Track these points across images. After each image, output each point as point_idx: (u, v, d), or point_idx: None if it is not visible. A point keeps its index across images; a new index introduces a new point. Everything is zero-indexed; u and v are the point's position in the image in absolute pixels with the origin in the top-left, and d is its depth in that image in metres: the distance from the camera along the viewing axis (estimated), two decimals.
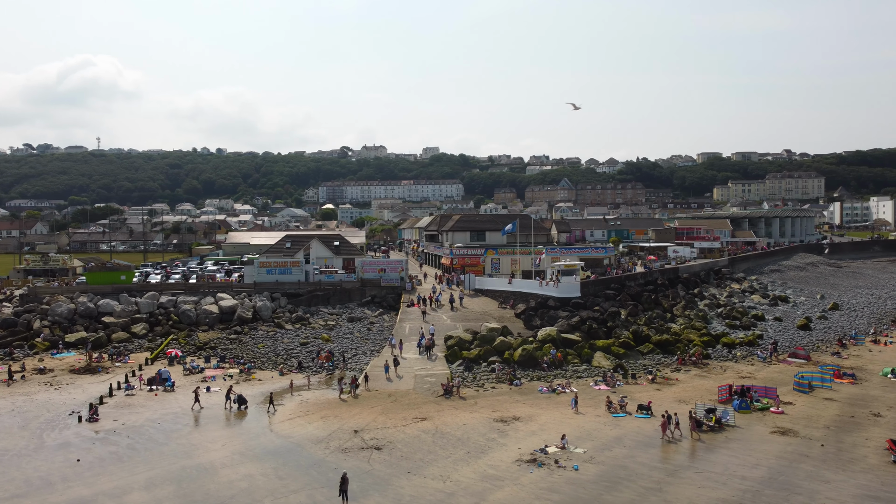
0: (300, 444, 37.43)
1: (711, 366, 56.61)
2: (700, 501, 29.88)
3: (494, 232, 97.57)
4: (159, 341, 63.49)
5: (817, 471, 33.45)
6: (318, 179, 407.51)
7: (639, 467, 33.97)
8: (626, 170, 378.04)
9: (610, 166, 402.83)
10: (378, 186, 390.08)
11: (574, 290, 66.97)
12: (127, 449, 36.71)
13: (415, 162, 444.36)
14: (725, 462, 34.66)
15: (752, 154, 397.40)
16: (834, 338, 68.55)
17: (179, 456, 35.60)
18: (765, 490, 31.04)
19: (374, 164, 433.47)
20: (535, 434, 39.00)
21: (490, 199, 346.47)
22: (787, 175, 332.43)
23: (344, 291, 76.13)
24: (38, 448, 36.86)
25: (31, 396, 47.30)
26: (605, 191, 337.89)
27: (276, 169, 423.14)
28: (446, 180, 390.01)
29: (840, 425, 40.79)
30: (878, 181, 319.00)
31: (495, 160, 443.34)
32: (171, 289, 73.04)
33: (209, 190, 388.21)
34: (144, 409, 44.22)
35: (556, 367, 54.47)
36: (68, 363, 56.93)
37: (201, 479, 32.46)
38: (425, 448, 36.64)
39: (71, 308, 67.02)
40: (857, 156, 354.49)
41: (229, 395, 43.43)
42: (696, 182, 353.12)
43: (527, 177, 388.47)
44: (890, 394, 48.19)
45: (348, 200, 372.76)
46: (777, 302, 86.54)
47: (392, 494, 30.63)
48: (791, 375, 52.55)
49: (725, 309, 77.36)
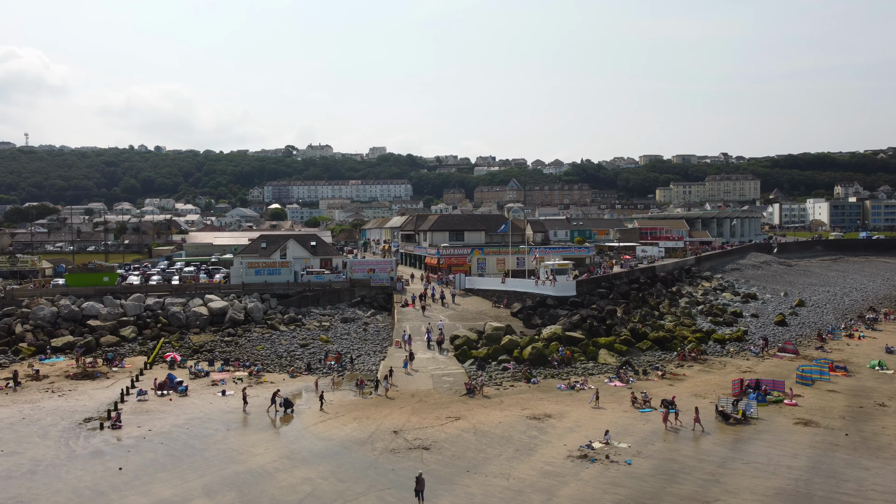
0: (345, 445, 36.95)
1: (710, 361, 58.50)
2: (759, 490, 31.01)
3: (473, 232, 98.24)
4: (150, 345, 61.45)
5: (853, 459, 35.15)
6: (263, 179, 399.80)
7: (687, 460, 34.98)
8: (573, 171, 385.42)
9: (556, 168, 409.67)
10: (325, 186, 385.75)
11: (570, 289, 68.09)
12: (166, 456, 35.47)
13: (362, 162, 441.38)
14: (765, 453, 36.02)
15: (691, 157, 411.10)
16: (811, 333, 71.80)
17: (226, 461, 34.63)
18: (814, 479, 32.45)
19: (321, 163, 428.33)
20: (573, 430, 39.60)
21: (439, 200, 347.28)
22: (725, 177, 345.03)
23: (333, 292, 75.23)
24: (70, 457, 35.22)
25: (37, 404, 45.08)
26: (553, 192, 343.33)
27: (218, 168, 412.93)
28: (394, 180, 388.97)
29: (854, 415, 42.86)
30: (808, 183, 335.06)
31: (443, 160, 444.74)
32: (156, 290, 70.63)
33: (148, 189, 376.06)
34: (165, 415, 42.75)
35: (566, 365, 55.32)
36: (60, 368, 54.46)
37: (260, 484, 31.70)
38: (473, 447, 36.73)
39: (53, 311, 64.04)
40: (789, 159, 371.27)
41: (275, 398, 42.38)
42: (639, 183, 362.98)
43: (475, 177, 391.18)
44: (884, 385, 50.87)
45: (295, 200, 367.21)
46: (748, 299, 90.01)
47: (462, 493, 30.64)
48: (786, 369, 54.96)
49: (706, 306, 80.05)
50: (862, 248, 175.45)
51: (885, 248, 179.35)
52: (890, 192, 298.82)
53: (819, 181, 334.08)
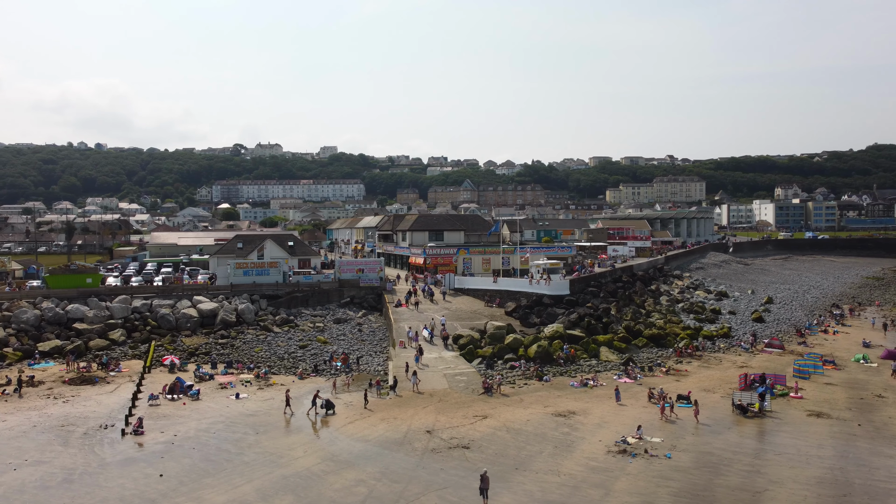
0: (383, 446, 36.70)
1: (706, 357, 60.26)
2: (801, 480, 32.23)
3: (453, 232, 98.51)
4: (142, 348, 59.61)
5: (874, 447, 36.87)
6: (211, 178, 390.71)
7: (722, 452, 36.05)
8: (525, 172, 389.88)
9: (508, 168, 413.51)
10: (276, 186, 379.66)
11: (564, 289, 69.06)
12: (204, 461, 34.55)
13: (313, 161, 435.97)
14: (792, 444, 37.41)
15: (639, 159, 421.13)
16: (788, 329, 74.70)
17: (268, 465, 33.96)
18: (846, 467, 33.91)
19: (271, 162, 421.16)
20: (602, 427, 40.29)
21: (393, 200, 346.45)
22: (672, 179, 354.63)
23: (322, 292, 74.36)
24: (102, 465, 33.94)
25: (43, 411, 43.22)
26: (507, 192, 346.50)
27: (164, 166, 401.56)
28: (347, 180, 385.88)
29: (859, 407, 44.87)
30: (750, 185, 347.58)
31: (395, 160, 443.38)
32: (142, 292, 68.43)
33: (90, 187, 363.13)
34: (185, 419, 41.60)
35: (570, 363, 56.16)
36: (54, 374, 52.31)
37: (314, 487, 31.23)
38: (512, 445, 36.99)
39: (37, 314, 61.40)
40: (732, 162, 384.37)
41: (315, 400, 41.62)
42: (590, 184, 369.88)
43: (428, 178, 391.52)
44: (874, 377, 53.35)
45: (245, 200, 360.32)
46: (721, 297, 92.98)
47: (520, 491, 30.86)
48: (779, 364, 57.13)
49: (686, 304, 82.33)
50: (809, 248, 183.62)
51: (829, 247, 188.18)
52: (826, 194, 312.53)
53: (760, 183, 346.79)
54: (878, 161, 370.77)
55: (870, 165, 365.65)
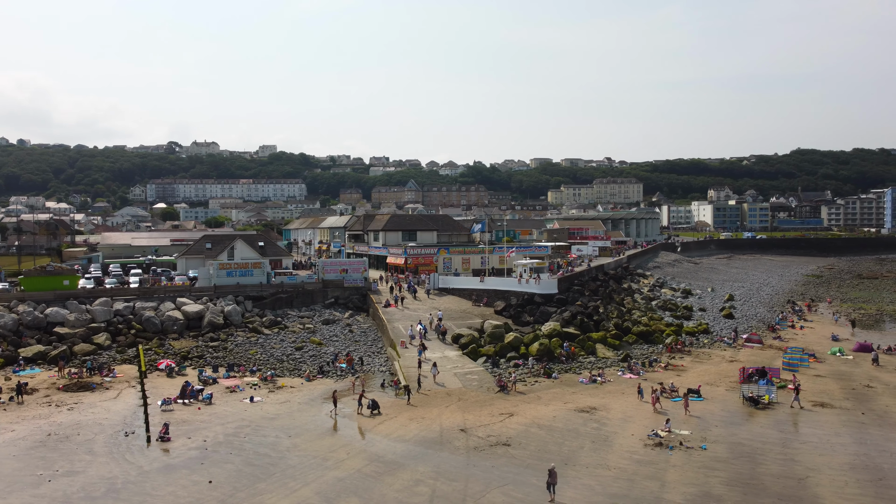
0: (424, 446, 36.58)
1: (695, 352, 62.36)
2: (835, 466, 33.90)
3: (425, 231, 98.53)
4: (130, 352, 57.41)
5: (886, 434, 39.08)
6: (145, 176, 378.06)
7: (751, 442, 37.54)
8: (468, 173, 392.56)
9: (451, 169, 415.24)
10: (215, 185, 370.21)
11: (553, 287, 70.18)
12: (247, 465, 33.65)
13: (252, 160, 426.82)
14: (812, 433, 39.27)
15: (578, 160, 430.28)
16: (756, 325, 77.99)
17: (317, 468, 33.35)
18: (870, 453, 35.86)
19: (208, 161, 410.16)
20: (628, 421, 41.28)
21: (336, 200, 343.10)
22: (611, 181, 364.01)
23: (306, 293, 73.24)
24: (142, 473, 32.59)
25: (50, 419, 41.13)
26: (451, 193, 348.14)
27: (94, 164, 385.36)
28: (288, 180, 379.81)
29: (855, 397, 47.39)
30: (685, 187, 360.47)
31: (337, 160, 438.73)
32: (123, 294, 65.76)
33: (13, 186, 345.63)
34: (208, 424, 40.36)
35: (571, 360, 57.18)
36: (44, 381, 49.78)
37: (374, 488, 30.88)
38: (550, 441, 37.49)
39: (14, 318, 58.20)
40: (667, 164, 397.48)
41: (361, 400, 40.95)
42: (531, 185, 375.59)
43: (371, 178, 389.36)
44: (855, 369, 56.39)
45: (182, 199, 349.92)
46: (687, 295, 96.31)
47: (580, 485, 31.35)
48: (763, 357, 59.66)
49: (660, 301, 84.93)
50: (748, 247, 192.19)
51: (767, 246, 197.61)
52: (755, 196, 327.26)
53: (694, 185, 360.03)
54: (802, 165, 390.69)
55: (794, 169, 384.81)
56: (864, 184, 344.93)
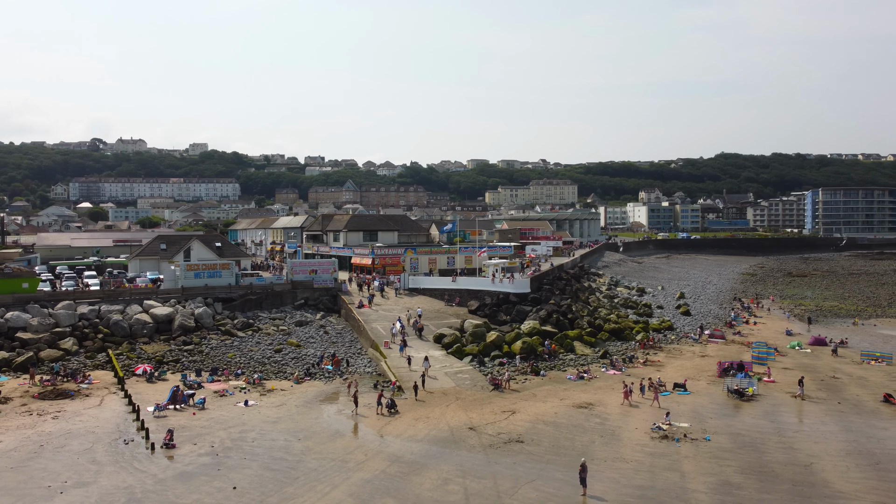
0: (439, 445, 36.64)
1: (666, 348, 64.49)
2: (832, 453, 35.88)
3: (386, 232, 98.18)
4: (99, 357, 55.06)
5: (866, 421, 41.58)
6: (67, 175, 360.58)
7: (749, 432, 39.27)
8: (406, 173, 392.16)
9: (388, 169, 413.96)
10: (143, 184, 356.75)
11: (526, 286, 71.13)
12: (266, 470, 32.88)
13: (182, 158, 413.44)
14: (800, 422, 41.42)
15: (514, 162, 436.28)
16: (712, 321, 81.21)
17: (340, 470, 32.93)
18: (858, 439, 38.11)
19: (135, 159, 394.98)
20: (627, 415, 42.45)
21: (271, 200, 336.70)
22: (547, 182, 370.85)
23: (276, 294, 71.80)
24: (159, 482, 31.39)
25: (36, 429, 39.02)
26: (390, 193, 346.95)
27: (10, 161, 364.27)
28: (221, 179, 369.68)
29: (826, 388, 50.11)
30: (618, 189, 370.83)
31: (271, 159, 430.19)
32: (87, 297, 62.80)
33: None
34: (209, 429, 39.15)
35: (553, 358, 58.19)
36: (14, 388, 47.13)
37: (405, 488, 30.76)
38: (560, 436, 38.20)
39: None
40: (600, 167, 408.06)
41: (380, 400, 40.34)
42: (469, 186, 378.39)
43: (308, 178, 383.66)
44: (817, 361, 59.63)
45: (108, 199, 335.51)
46: (641, 293, 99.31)
47: (602, 478, 32.06)
48: (730, 352, 62.37)
49: (621, 299, 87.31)
50: (684, 247, 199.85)
51: (701, 246, 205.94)
52: (683, 198, 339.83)
53: (626, 187, 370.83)
54: (726, 168, 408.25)
55: (719, 172, 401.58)
56: (782, 187, 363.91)
